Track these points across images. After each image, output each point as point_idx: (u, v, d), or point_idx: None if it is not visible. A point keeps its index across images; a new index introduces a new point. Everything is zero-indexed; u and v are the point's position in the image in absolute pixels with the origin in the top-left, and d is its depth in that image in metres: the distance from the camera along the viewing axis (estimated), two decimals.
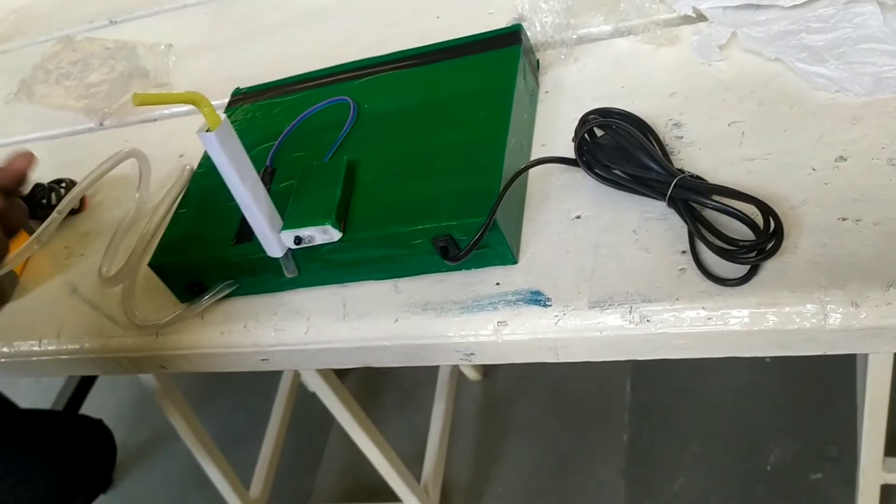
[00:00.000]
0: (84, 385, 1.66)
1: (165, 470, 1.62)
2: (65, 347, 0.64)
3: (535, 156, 0.58)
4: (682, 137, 0.55)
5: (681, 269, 0.47)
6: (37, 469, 0.97)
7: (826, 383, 1.24)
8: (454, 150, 0.55)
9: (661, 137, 0.54)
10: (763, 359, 1.31)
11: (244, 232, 0.56)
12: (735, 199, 0.47)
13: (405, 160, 0.56)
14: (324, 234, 0.52)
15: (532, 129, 0.60)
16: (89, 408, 1.67)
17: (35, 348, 0.65)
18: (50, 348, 0.64)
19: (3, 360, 0.67)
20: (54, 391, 1.67)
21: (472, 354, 0.52)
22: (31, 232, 0.64)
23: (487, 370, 1.49)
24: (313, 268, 0.55)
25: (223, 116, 0.47)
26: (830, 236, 0.45)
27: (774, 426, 1.23)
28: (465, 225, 0.50)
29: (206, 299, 0.57)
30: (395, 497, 1.18)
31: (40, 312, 0.67)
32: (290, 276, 0.55)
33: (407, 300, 0.53)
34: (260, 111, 0.67)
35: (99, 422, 1.12)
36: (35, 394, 1.81)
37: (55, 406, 1.62)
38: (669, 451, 1.27)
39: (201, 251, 0.57)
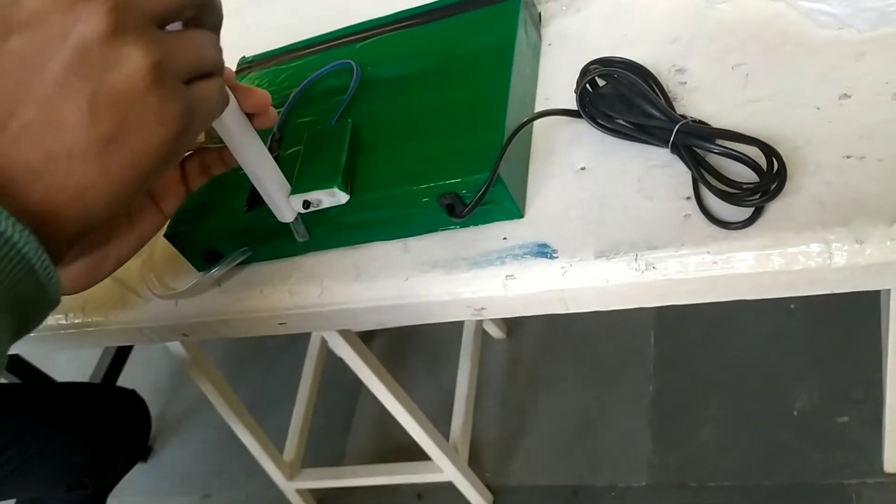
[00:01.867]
0: (119, 357, 1.71)
1: (203, 437, 1.66)
2: (90, 320, 0.66)
3: (538, 109, 0.58)
4: (686, 83, 0.54)
5: (685, 215, 0.47)
6: (72, 441, 1.00)
7: (851, 326, 1.23)
8: (457, 108, 0.55)
9: (664, 84, 0.54)
10: (787, 305, 1.30)
11: (255, 199, 0.56)
12: (738, 141, 0.47)
13: (409, 120, 0.56)
14: (331, 197, 0.53)
15: (535, 83, 0.60)
16: (126, 380, 1.71)
17: (63, 322, 0.67)
18: (76, 321, 0.66)
19: (33, 334, 0.69)
20: (91, 365, 1.71)
21: (482, 309, 0.53)
22: None
23: (511, 328, 1.50)
24: (323, 231, 0.56)
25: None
26: (835, 175, 0.45)
27: (799, 371, 1.23)
28: (470, 181, 0.50)
29: (222, 267, 0.59)
30: (425, 456, 1.20)
31: None
32: (300, 240, 0.56)
33: (416, 259, 0.54)
34: (266, 79, 0.68)
35: (132, 392, 1.16)
36: (74, 368, 1.86)
37: (93, 379, 1.67)
38: (695, 400, 1.28)
39: (214, 219, 0.58)
